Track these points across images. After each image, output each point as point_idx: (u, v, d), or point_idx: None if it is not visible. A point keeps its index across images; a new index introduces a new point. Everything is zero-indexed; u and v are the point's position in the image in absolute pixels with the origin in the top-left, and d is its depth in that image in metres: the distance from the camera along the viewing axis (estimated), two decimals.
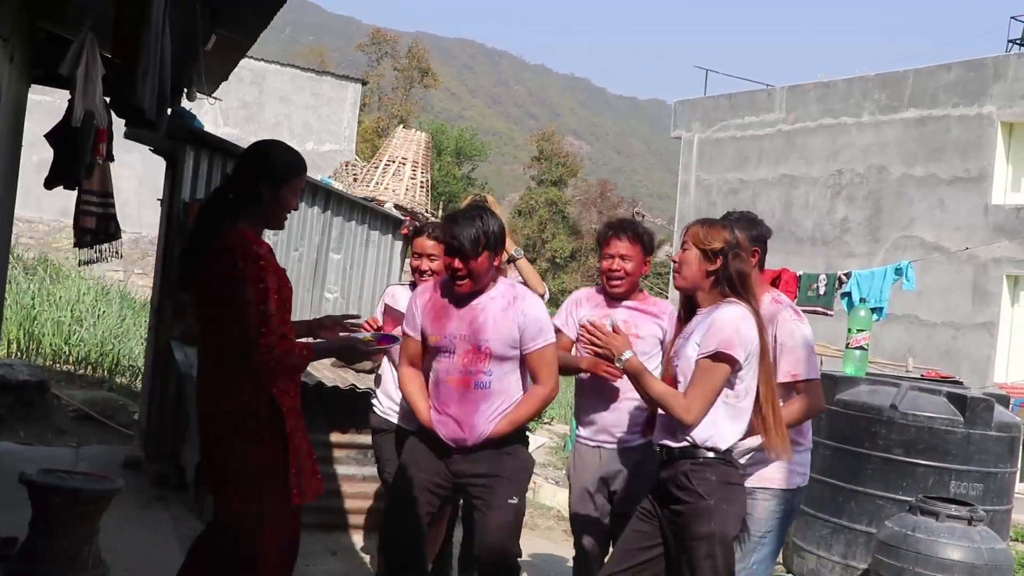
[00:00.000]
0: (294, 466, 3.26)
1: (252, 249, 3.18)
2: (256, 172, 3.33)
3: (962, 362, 15.91)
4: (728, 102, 21.35)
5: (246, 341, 3.15)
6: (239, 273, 3.15)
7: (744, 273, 3.51)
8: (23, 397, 8.78)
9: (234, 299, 3.16)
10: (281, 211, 3.39)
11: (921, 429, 5.97)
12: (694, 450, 3.45)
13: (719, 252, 3.50)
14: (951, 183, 16.80)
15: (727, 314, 3.45)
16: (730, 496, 3.45)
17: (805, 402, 3.88)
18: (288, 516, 3.33)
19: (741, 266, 3.52)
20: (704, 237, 3.53)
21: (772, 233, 4.17)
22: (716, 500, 3.39)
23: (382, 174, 9.26)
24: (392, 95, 52.05)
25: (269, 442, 3.24)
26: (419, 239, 4.52)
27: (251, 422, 3.23)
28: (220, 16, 5.97)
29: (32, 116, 7.70)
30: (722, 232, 3.54)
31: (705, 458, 3.44)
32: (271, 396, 3.23)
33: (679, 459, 3.47)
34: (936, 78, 17.26)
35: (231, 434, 3.25)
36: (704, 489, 3.40)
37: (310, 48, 72.58)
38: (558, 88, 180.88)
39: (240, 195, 3.32)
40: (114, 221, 7.69)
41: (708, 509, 3.39)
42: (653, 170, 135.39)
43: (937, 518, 4.98)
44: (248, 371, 3.21)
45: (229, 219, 3.27)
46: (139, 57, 3.90)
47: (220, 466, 3.31)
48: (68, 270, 17.45)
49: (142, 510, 6.17)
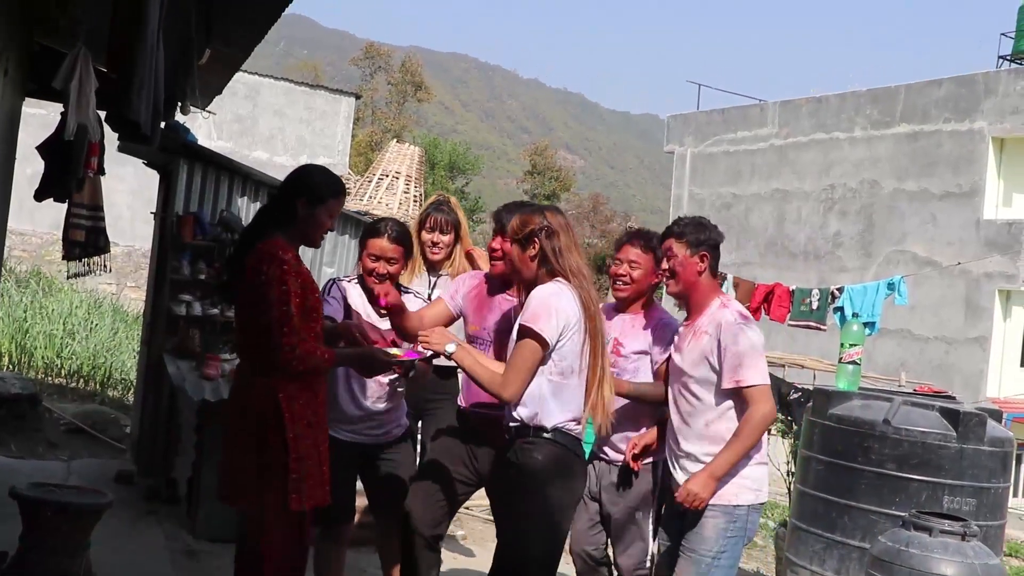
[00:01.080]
0: (295, 471, 3.33)
1: (277, 254, 3.34)
2: (295, 190, 3.50)
3: (955, 376, 15.95)
4: (721, 117, 21.42)
5: (269, 340, 3.28)
6: (263, 276, 3.30)
7: (557, 249, 3.58)
8: (15, 410, 8.74)
9: (258, 301, 3.32)
10: (317, 229, 3.54)
11: (914, 444, 5.97)
12: (524, 428, 3.53)
13: (532, 235, 3.58)
14: (943, 198, 16.86)
15: (538, 291, 3.54)
16: (556, 478, 3.51)
17: (757, 410, 3.80)
18: (292, 520, 3.39)
19: (554, 243, 3.58)
20: (517, 227, 3.63)
21: (724, 238, 4.14)
22: (540, 481, 3.48)
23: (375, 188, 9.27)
24: (386, 109, 52.15)
25: (272, 445, 3.34)
26: (377, 240, 4.16)
27: (258, 423, 3.35)
28: (214, 30, 5.98)
29: (25, 129, 7.69)
30: (530, 217, 3.63)
31: (535, 437, 3.51)
32: (277, 400, 3.32)
33: (515, 437, 3.57)
34: (927, 94, 17.35)
35: (242, 431, 3.40)
36: (528, 467, 3.50)
37: (304, 62, 72.73)
38: (551, 102, 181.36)
39: (279, 211, 3.51)
40: (104, 235, 7.68)
41: (530, 489, 3.49)
42: (646, 184, 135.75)
43: (930, 533, 4.97)
44: (263, 373, 3.35)
45: (267, 232, 3.44)
46: (133, 71, 3.89)
47: (231, 462, 3.44)
48: (61, 283, 17.41)
49: (133, 524, 6.14)
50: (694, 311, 4.01)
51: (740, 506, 3.85)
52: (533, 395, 3.52)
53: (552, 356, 3.51)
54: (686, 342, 3.97)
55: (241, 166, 8.01)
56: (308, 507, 3.40)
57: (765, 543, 9.21)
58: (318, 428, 3.47)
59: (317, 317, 3.47)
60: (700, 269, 3.94)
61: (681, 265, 3.94)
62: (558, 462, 3.52)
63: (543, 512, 3.50)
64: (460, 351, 3.58)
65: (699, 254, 3.92)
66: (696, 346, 3.90)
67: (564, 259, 3.57)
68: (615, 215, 50.10)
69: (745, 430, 3.79)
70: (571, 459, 3.58)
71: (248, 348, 3.48)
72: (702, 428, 3.88)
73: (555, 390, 3.52)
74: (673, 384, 4.02)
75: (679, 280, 3.97)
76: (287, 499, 3.33)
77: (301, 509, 3.36)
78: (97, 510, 4.75)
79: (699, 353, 3.88)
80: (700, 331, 3.92)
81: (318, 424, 3.47)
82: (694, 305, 4.01)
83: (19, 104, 7.27)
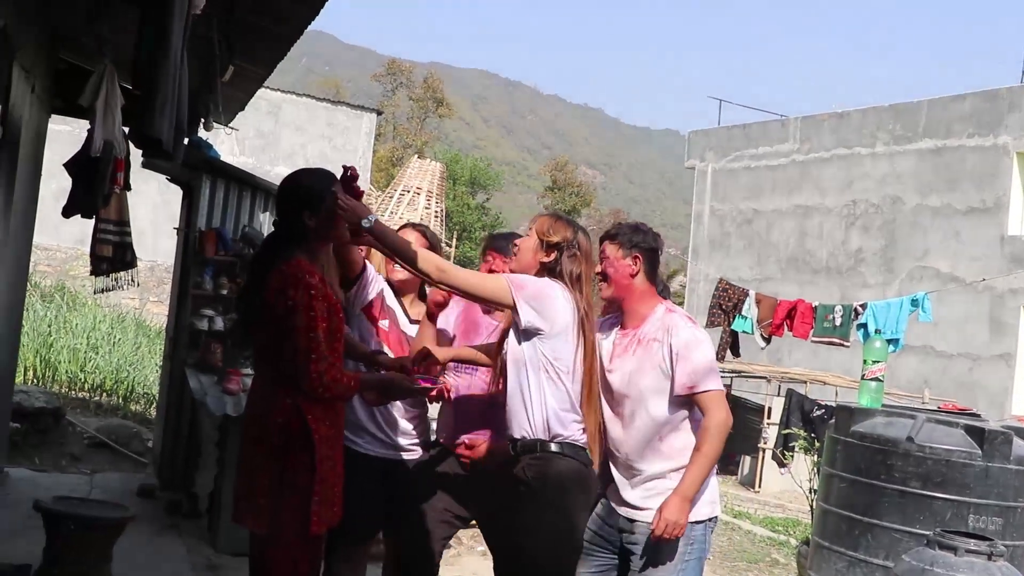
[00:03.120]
0: (318, 494, 3.30)
1: (304, 279, 3.26)
2: (296, 204, 3.41)
3: (979, 394, 15.82)
4: (742, 132, 21.39)
5: (296, 367, 3.23)
6: (291, 301, 3.24)
7: (577, 275, 3.57)
8: (38, 423, 8.81)
9: (285, 326, 3.25)
10: (333, 228, 3.44)
11: (938, 462, 5.92)
12: (531, 444, 3.51)
13: (555, 246, 3.56)
14: (967, 213, 16.76)
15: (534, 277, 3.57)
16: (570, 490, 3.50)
17: (713, 418, 3.54)
18: (305, 543, 3.34)
19: (573, 267, 3.57)
20: (547, 229, 3.58)
21: (663, 245, 3.92)
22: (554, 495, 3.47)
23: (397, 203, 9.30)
24: (407, 125, 52.40)
25: (296, 466, 3.28)
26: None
27: (283, 444, 3.28)
28: (237, 48, 6.02)
29: (51, 145, 7.77)
30: (565, 229, 3.58)
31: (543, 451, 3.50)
32: (305, 421, 3.28)
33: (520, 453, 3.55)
34: (951, 108, 17.27)
35: (262, 452, 3.31)
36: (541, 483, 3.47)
37: (326, 78, 73.20)
38: (572, 118, 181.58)
39: (290, 231, 3.42)
40: (130, 250, 7.74)
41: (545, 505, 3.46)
42: (666, 200, 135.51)
43: (956, 552, 4.92)
44: (288, 394, 3.29)
45: (284, 253, 3.36)
46: (156, 88, 3.93)
47: (246, 482, 3.36)
48: (84, 298, 17.55)
49: (155, 538, 6.16)
50: (630, 318, 3.78)
51: (698, 523, 3.60)
52: (537, 408, 3.50)
53: (544, 350, 3.50)
54: (629, 352, 3.72)
55: (263, 182, 8.06)
56: (326, 529, 3.37)
57: (787, 561, 9.14)
58: (337, 447, 3.44)
59: (340, 337, 3.43)
60: (633, 271, 3.73)
61: (613, 267, 3.75)
62: (571, 475, 3.49)
63: (560, 527, 3.46)
64: (378, 223, 3.44)
65: (632, 255, 3.72)
66: (646, 356, 3.66)
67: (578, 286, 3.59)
68: None
69: (707, 441, 3.52)
70: (582, 470, 3.54)
71: (266, 366, 3.42)
72: (658, 444, 3.63)
73: (557, 396, 3.48)
74: (613, 400, 3.74)
75: (611, 283, 3.77)
76: (307, 522, 3.28)
77: (320, 532, 3.34)
78: (119, 524, 4.78)
79: (651, 363, 3.63)
80: (647, 339, 3.68)
81: (338, 443, 3.46)
82: (630, 312, 3.78)
83: (45, 121, 7.34)
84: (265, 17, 5.56)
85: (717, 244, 21.26)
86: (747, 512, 11.36)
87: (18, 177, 5.84)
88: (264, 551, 3.34)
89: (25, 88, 5.82)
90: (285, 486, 3.28)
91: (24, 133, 5.95)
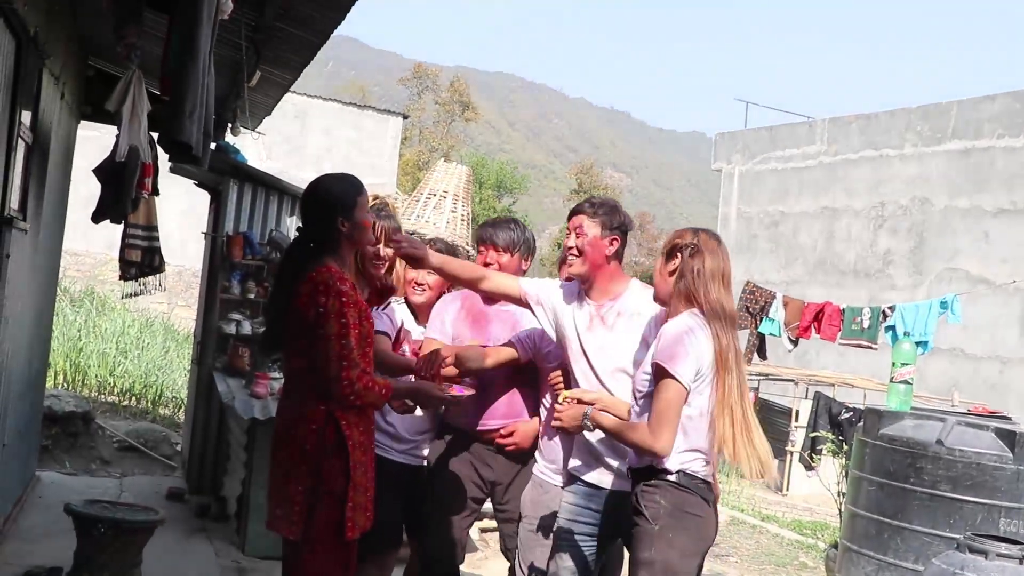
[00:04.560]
0: (352, 500, 3.29)
1: (335, 285, 3.25)
2: (328, 211, 3.39)
3: (1010, 397, 15.65)
4: (769, 134, 21.28)
5: (328, 374, 3.22)
6: (322, 308, 3.22)
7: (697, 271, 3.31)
8: (68, 427, 8.89)
9: (317, 334, 3.23)
10: (364, 233, 3.46)
11: (969, 465, 5.87)
12: (646, 471, 3.31)
13: (676, 250, 3.37)
14: (996, 215, 16.59)
15: (672, 327, 3.27)
16: (681, 524, 3.25)
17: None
18: (339, 548, 3.33)
19: (695, 264, 3.32)
20: (666, 240, 3.44)
21: (633, 226, 3.92)
22: (662, 527, 3.24)
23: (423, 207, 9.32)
24: (433, 129, 52.48)
25: (331, 473, 3.27)
26: None
27: (317, 450, 3.27)
28: (264, 53, 6.07)
29: (81, 151, 7.85)
30: (683, 234, 3.41)
31: (659, 480, 3.28)
32: (339, 427, 3.27)
33: (636, 480, 3.38)
34: (980, 109, 17.11)
35: (296, 459, 3.29)
36: (651, 513, 3.26)
37: (352, 83, 73.47)
38: (597, 121, 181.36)
39: (321, 237, 3.40)
40: (159, 254, 7.81)
41: (651, 535, 3.24)
42: (693, 203, 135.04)
43: (987, 556, 4.87)
44: (322, 400, 3.27)
45: (314, 260, 3.34)
46: (185, 93, 3.96)
47: (280, 489, 3.34)
48: (114, 302, 17.69)
49: (184, 541, 6.20)
50: (598, 294, 3.78)
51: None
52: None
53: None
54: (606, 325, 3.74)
55: (290, 186, 8.10)
56: (359, 535, 3.36)
57: (816, 564, 9.08)
58: (370, 453, 3.43)
59: (371, 342, 3.43)
60: (609, 253, 3.74)
61: (591, 245, 3.72)
62: (686, 507, 3.27)
63: (666, 561, 3.23)
64: (597, 417, 3.37)
65: (610, 237, 3.73)
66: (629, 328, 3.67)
67: (703, 285, 3.30)
68: (662, 233, 49.92)
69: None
70: (698, 504, 3.30)
71: (299, 373, 3.38)
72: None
73: (682, 428, 3.25)
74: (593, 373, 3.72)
75: (586, 260, 3.74)
76: (342, 527, 3.27)
77: (354, 537, 3.33)
78: (149, 527, 4.82)
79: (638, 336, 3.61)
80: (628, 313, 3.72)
81: (371, 449, 3.44)
82: (599, 289, 3.77)
83: (74, 127, 7.42)
84: (292, 22, 5.59)
85: (744, 247, 21.15)
86: (775, 515, 11.30)
87: (48, 182, 5.91)
88: (299, 557, 3.33)
89: (55, 94, 5.88)
90: (320, 492, 3.27)
91: (54, 139, 6.02)
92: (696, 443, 3.29)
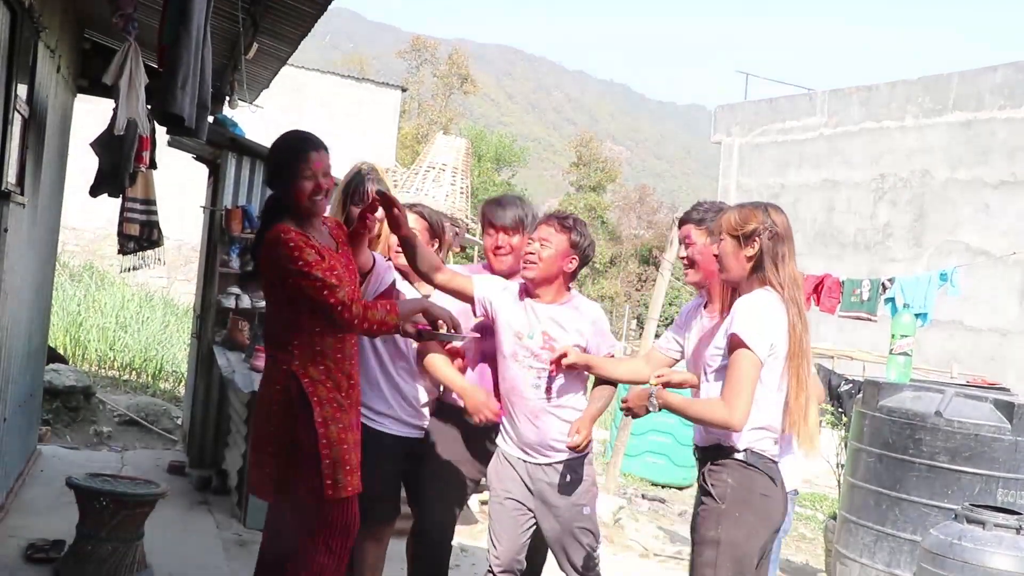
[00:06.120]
0: (327, 457, 3.29)
1: (279, 236, 3.29)
2: (272, 175, 3.50)
3: (1008, 369, 15.67)
4: (769, 107, 21.20)
5: (324, 311, 3.26)
6: (280, 261, 3.28)
7: (781, 255, 3.27)
8: (69, 402, 8.92)
9: (280, 285, 3.31)
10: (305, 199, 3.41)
11: (967, 436, 5.88)
12: (713, 449, 3.30)
13: (754, 234, 3.28)
14: (997, 187, 16.56)
15: (750, 300, 3.24)
16: (749, 503, 3.22)
17: None
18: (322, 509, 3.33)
19: (777, 248, 3.27)
20: (737, 223, 3.31)
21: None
22: (728, 506, 3.21)
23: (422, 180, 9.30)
24: (432, 102, 52.25)
25: (300, 431, 3.31)
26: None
27: (285, 410, 3.33)
28: (261, 25, 6.02)
29: (83, 123, 7.82)
30: (755, 213, 3.31)
31: (726, 458, 3.26)
32: (301, 384, 3.32)
33: (703, 459, 3.37)
34: (982, 80, 17.03)
35: (264, 419, 3.39)
36: (718, 492, 3.24)
37: (350, 56, 73.11)
38: (596, 93, 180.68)
39: (279, 199, 3.49)
40: (157, 228, 7.79)
41: (718, 513, 3.22)
42: (692, 175, 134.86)
43: (984, 526, 4.90)
44: (284, 361, 3.34)
45: (275, 219, 3.41)
46: (178, 66, 3.94)
47: (255, 454, 3.43)
48: (113, 277, 17.70)
49: (186, 514, 6.23)
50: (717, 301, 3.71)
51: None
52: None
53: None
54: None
55: None
56: (346, 495, 3.33)
57: (814, 535, 9.13)
58: (351, 411, 3.42)
59: (355, 279, 3.50)
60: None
61: (701, 254, 3.76)
62: (754, 486, 3.24)
63: (733, 542, 3.21)
64: (663, 395, 3.34)
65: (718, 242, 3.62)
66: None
67: (784, 268, 3.27)
68: (661, 206, 49.80)
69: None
70: (766, 483, 3.27)
71: (269, 337, 3.48)
72: None
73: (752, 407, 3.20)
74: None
75: (699, 268, 3.79)
76: (322, 487, 3.27)
77: (337, 497, 3.30)
78: (151, 500, 4.83)
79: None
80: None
81: (351, 407, 3.43)
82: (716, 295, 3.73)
83: (71, 100, 7.38)
84: None
85: None
86: None
87: (45, 156, 5.89)
88: (283, 520, 3.37)
89: (51, 67, 5.85)
90: (292, 452, 3.31)
91: (50, 112, 5.99)
92: (765, 421, 3.26)
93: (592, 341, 3.96)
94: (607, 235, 44.46)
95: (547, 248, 3.86)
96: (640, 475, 11.18)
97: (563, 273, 3.93)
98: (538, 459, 3.96)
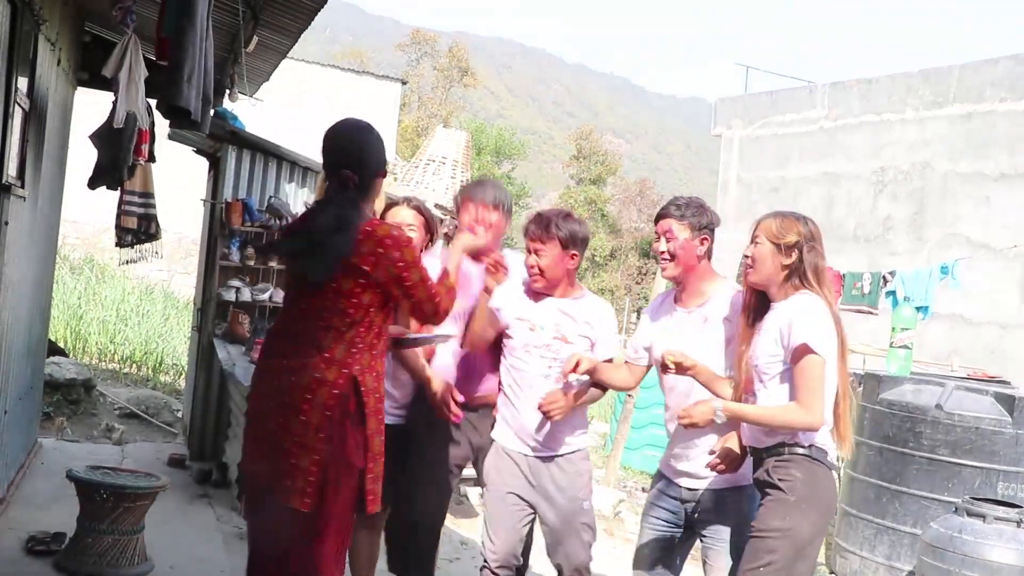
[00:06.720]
0: (372, 471, 3.15)
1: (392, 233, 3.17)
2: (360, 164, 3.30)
3: (1009, 363, 15.67)
4: (769, 99, 21.18)
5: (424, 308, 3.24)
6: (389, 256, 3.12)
7: (818, 267, 3.44)
8: (70, 395, 8.92)
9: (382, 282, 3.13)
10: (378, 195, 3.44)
11: (967, 429, 5.89)
12: (777, 447, 3.38)
13: (796, 246, 3.41)
14: (998, 180, 16.54)
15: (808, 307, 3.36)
16: (815, 497, 3.34)
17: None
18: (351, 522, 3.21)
19: (816, 259, 3.45)
20: (778, 231, 3.44)
21: (720, 222, 3.99)
22: (798, 498, 3.30)
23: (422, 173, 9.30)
24: (432, 95, 52.18)
25: (350, 441, 3.09)
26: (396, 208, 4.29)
27: (340, 417, 3.07)
28: (261, 18, 6.01)
29: (85, 117, 7.80)
30: (796, 224, 3.45)
31: (792, 454, 3.35)
32: (360, 393, 3.11)
33: (764, 458, 3.41)
34: (983, 73, 17.00)
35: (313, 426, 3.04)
36: (787, 485, 3.32)
37: (350, 49, 73.00)
38: (596, 87, 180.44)
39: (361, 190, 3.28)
40: (155, 221, 7.80)
41: (787, 504, 3.30)
42: (692, 168, 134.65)
43: (984, 520, 4.91)
44: (345, 364, 3.08)
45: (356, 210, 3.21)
46: (184, 59, 3.93)
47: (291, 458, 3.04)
48: (113, 270, 17.69)
49: (186, 507, 6.24)
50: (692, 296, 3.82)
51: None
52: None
53: None
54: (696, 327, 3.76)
55: (288, 152, 8.07)
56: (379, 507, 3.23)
57: None
58: (383, 421, 3.25)
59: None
60: (700, 253, 3.78)
61: (682, 248, 3.76)
62: (818, 480, 3.36)
63: (798, 532, 3.28)
64: (730, 408, 3.41)
65: (700, 237, 3.76)
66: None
67: (823, 276, 3.45)
68: (661, 199, 49.58)
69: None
70: (827, 477, 3.40)
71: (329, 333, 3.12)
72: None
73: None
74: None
75: (678, 263, 3.78)
76: (363, 501, 3.12)
77: (374, 510, 3.19)
78: (151, 493, 4.83)
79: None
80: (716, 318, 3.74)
81: (382, 416, 3.25)
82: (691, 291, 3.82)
83: (71, 93, 7.37)
84: None
85: (744, 212, 21.08)
86: None
87: (46, 149, 5.88)
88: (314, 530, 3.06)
89: (51, 60, 5.84)
90: (337, 463, 3.05)
91: (51, 105, 5.98)
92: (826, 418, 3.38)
93: (600, 335, 4.01)
94: (607, 228, 44.45)
95: (544, 257, 3.92)
96: (640, 468, 11.17)
97: (568, 272, 3.99)
98: (542, 452, 3.97)
